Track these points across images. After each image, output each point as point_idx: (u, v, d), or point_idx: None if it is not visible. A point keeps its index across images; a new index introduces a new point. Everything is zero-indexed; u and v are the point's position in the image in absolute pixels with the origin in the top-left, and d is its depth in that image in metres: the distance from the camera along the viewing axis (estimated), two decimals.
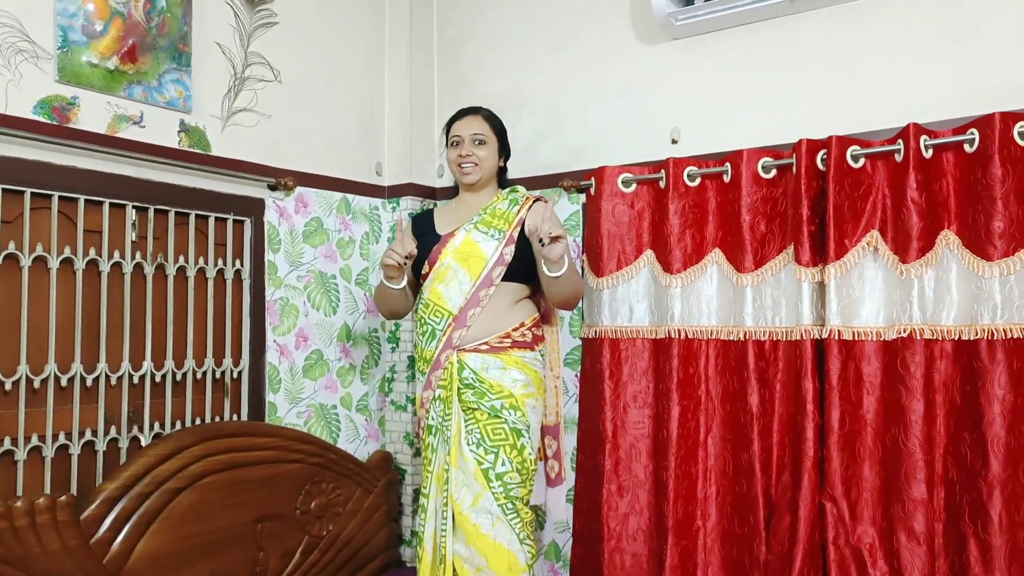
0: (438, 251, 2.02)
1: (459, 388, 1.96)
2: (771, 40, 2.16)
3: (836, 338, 1.92)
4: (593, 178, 2.31)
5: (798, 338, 1.98)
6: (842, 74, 2.06)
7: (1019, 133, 1.73)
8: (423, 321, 2.03)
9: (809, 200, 1.98)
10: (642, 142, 2.35)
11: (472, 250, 2.00)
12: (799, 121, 2.11)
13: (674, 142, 2.31)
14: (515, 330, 1.99)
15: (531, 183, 2.43)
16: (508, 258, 1.99)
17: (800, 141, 1.98)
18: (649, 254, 2.27)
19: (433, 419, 2.01)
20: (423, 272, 2.05)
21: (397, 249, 1.96)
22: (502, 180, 2.17)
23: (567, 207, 2.44)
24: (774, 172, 2.08)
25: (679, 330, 2.16)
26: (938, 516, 1.84)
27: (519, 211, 2.04)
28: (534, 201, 2.07)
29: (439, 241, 2.03)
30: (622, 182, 2.28)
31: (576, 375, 2.39)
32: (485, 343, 1.96)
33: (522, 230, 2.02)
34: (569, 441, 2.38)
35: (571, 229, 2.43)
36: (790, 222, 2.03)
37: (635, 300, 2.27)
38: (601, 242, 2.28)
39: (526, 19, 2.60)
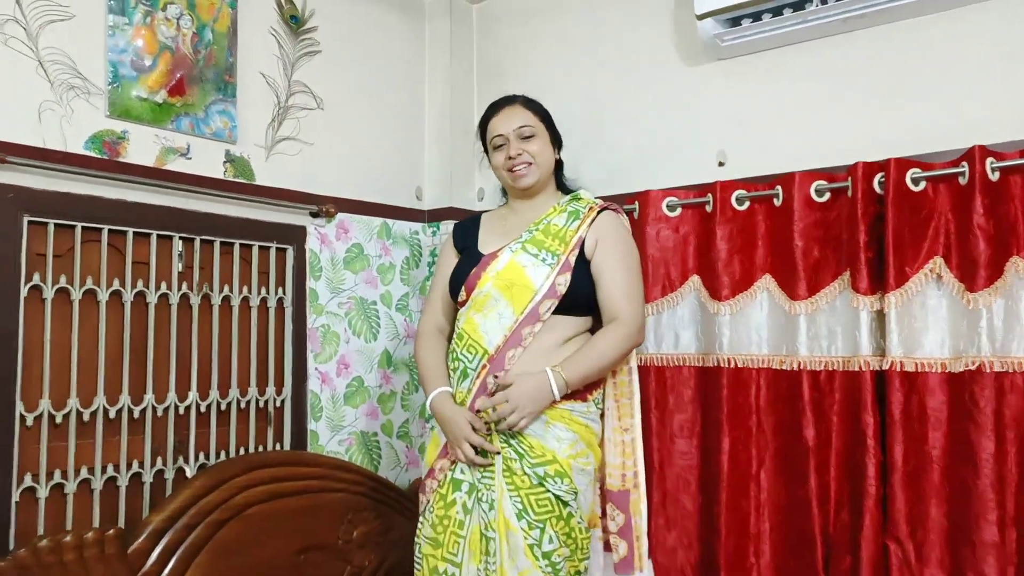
0: (477, 275, 1.72)
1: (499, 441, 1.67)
2: (822, 59, 2.10)
3: (898, 370, 1.84)
4: (637, 202, 2.26)
5: (856, 369, 1.90)
6: (898, 94, 1.99)
7: None
8: (455, 355, 1.73)
9: (866, 225, 1.90)
10: (687, 165, 2.30)
11: (517, 277, 1.67)
12: (853, 143, 2.03)
13: (721, 164, 2.25)
14: None
15: None
16: (561, 289, 1.65)
17: (856, 164, 1.91)
18: (695, 279, 2.21)
19: (464, 473, 1.69)
20: (460, 299, 1.76)
21: (468, 454, 1.65)
22: (560, 178, 1.86)
23: None
24: (828, 196, 2.01)
25: (728, 359, 2.10)
26: (1010, 559, 1.73)
27: (579, 227, 1.70)
28: (599, 211, 1.74)
29: (479, 263, 1.73)
30: (667, 206, 2.23)
31: None
32: None
33: (581, 252, 1.70)
34: None
35: None
36: (845, 248, 1.95)
37: (681, 327, 2.22)
38: (645, 266, 2.22)
39: (567, 39, 2.57)
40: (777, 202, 2.07)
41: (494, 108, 1.84)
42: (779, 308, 2.06)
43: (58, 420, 1.81)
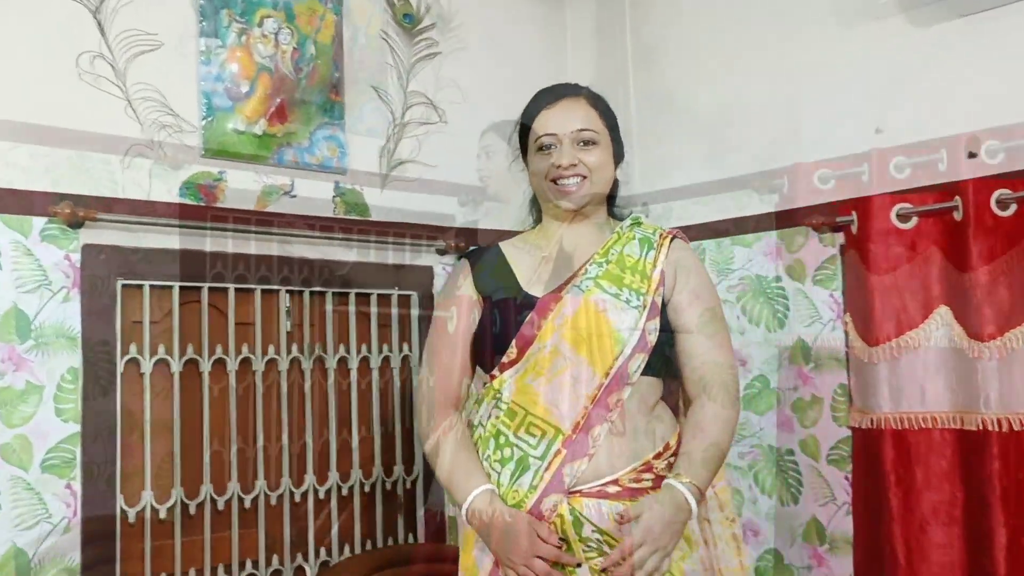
0: (536, 324, 1.27)
1: (582, 551, 1.23)
2: None
3: None
4: (854, 212, 1.76)
5: None
6: None
7: None
8: (505, 441, 1.26)
9: None
10: (920, 158, 1.74)
11: (596, 324, 1.26)
12: None
13: (972, 156, 1.68)
14: (657, 457, 1.26)
15: (766, 223, 1.90)
16: (652, 340, 1.26)
17: None
18: (944, 312, 1.68)
19: None
20: (507, 359, 1.28)
21: (542, 571, 1.19)
22: (611, 203, 1.43)
23: (819, 251, 1.87)
24: None
25: (999, 419, 1.57)
26: None
27: (655, 258, 1.32)
28: (672, 239, 1.36)
29: (534, 307, 1.29)
30: (897, 216, 1.70)
31: (846, 477, 1.82)
32: (614, 482, 1.22)
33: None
34: (842, 566, 1.80)
35: (825, 280, 1.86)
36: None
37: (927, 376, 1.69)
38: (871, 297, 1.72)
39: (742, 10, 2.06)
40: None
41: (548, 98, 1.36)
42: None
43: (162, 515, 1.58)
